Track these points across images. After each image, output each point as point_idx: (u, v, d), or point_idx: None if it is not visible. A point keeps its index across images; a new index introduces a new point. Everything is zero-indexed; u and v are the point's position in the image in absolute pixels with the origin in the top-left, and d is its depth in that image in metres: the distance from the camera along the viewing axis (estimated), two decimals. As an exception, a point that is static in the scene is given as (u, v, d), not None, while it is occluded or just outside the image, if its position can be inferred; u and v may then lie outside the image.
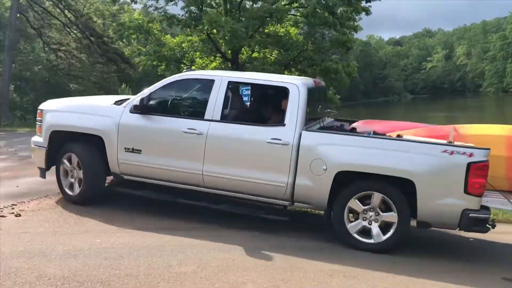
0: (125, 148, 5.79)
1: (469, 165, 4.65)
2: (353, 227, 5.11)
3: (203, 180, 5.57)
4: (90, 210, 5.88)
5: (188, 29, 21.46)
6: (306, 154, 5.15)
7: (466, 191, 4.70)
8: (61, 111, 6.27)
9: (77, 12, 32.16)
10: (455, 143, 5.00)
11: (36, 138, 6.38)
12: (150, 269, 4.12)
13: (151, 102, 5.80)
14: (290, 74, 23.41)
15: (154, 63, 22.32)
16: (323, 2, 19.26)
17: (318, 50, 22.41)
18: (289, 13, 21.90)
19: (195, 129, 5.50)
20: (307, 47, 22.17)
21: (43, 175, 6.40)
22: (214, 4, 22.70)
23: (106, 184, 6.36)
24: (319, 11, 19.61)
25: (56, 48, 34.13)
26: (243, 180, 5.42)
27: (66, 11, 32.19)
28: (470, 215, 4.70)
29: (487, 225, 4.86)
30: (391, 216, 4.97)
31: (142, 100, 5.68)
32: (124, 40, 24.16)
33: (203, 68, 24.04)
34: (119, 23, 21.83)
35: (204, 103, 5.68)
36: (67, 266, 4.05)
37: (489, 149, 4.74)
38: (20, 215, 5.54)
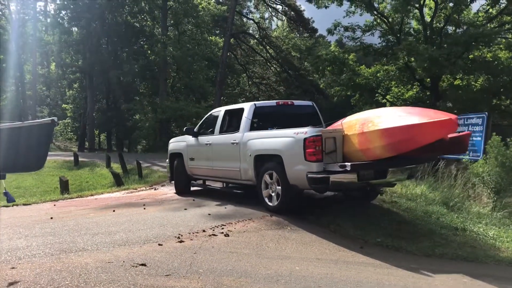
0: (189, 158, 9.67)
1: (304, 140, 6.41)
2: (264, 194, 7.45)
3: (213, 172, 8.94)
4: (288, 235, 6.15)
5: (385, 58, 21.09)
6: (244, 147, 7.88)
7: (305, 159, 6.40)
8: (171, 143, 10.75)
9: (277, 48, 34.88)
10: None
11: (167, 158, 10.80)
12: (349, 305, 3.99)
13: (199, 129, 9.55)
14: (500, 103, 20.91)
15: (348, 93, 22.42)
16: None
17: (536, 76, 19.35)
18: (499, 35, 19.72)
19: (209, 141, 8.97)
20: (521, 72, 19.46)
21: (170, 180, 10.81)
22: (413, 32, 21.90)
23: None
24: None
25: (258, 81, 37.44)
26: (225, 169, 8.46)
27: (268, 47, 35.17)
28: (309, 175, 6.36)
29: (327, 184, 6.31)
30: (279, 189, 7.08)
31: (196, 129, 9.59)
32: (319, 73, 24.95)
33: (398, 97, 23.30)
34: (316, 55, 22.63)
35: (215, 125, 8.98)
36: (270, 290, 4.18)
37: (320, 128, 6.70)
38: (228, 235, 6.04)
